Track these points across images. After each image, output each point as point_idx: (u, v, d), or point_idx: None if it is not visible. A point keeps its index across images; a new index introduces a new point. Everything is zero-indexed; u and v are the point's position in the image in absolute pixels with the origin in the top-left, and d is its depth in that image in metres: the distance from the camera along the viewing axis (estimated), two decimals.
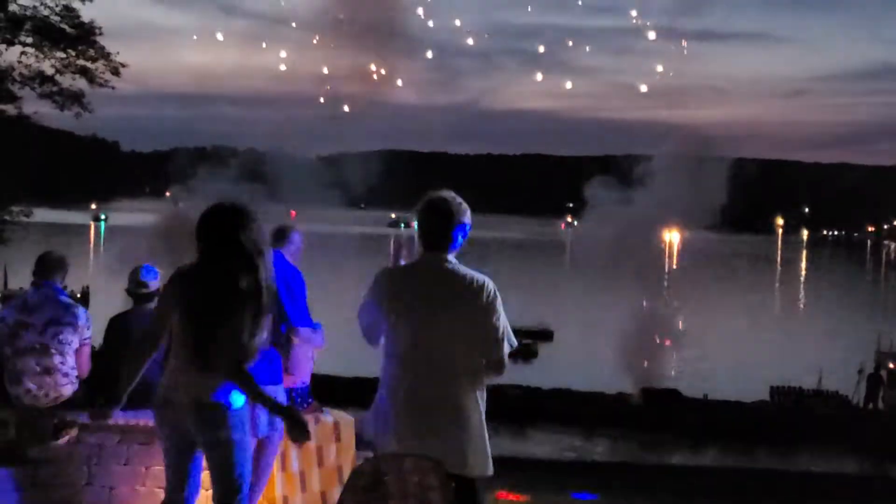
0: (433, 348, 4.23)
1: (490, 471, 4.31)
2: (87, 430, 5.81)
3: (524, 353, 38.72)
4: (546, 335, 45.25)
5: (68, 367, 6.22)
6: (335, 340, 7.12)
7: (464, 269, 4.30)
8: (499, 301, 4.27)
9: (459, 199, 4.37)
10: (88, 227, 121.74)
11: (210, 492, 4.70)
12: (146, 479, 5.77)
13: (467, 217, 4.36)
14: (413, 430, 4.18)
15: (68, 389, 6.21)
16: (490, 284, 4.27)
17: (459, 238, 4.35)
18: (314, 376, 6.56)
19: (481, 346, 4.25)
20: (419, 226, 4.38)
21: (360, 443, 6.54)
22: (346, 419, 6.60)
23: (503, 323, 4.28)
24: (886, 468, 24.89)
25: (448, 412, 4.22)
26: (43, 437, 6.13)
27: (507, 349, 4.29)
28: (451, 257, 4.33)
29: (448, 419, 4.22)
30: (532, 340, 41.64)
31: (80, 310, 6.35)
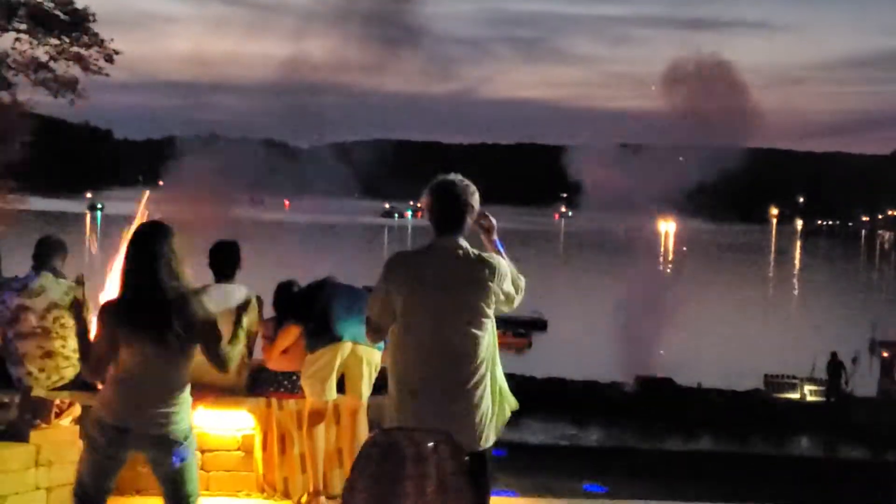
0: (450, 333, 4.23)
1: (493, 438, 4.40)
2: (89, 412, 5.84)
3: (517, 345, 39.11)
4: (540, 325, 45.25)
5: (70, 349, 6.24)
6: None
7: (475, 252, 4.34)
8: (507, 269, 4.39)
9: (468, 182, 4.37)
10: (84, 215, 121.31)
11: None
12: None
13: (476, 199, 4.37)
14: (431, 416, 4.11)
15: (70, 372, 6.24)
16: (503, 263, 4.39)
17: (468, 220, 4.36)
18: None
19: (503, 305, 4.38)
20: (430, 209, 4.35)
21: (373, 429, 6.58)
22: (346, 403, 6.64)
23: (513, 276, 4.41)
24: (879, 453, 25.09)
25: (465, 396, 4.24)
26: (45, 419, 6.18)
27: (522, 283, 4.48)
28: (461, 240, 4.34)
29: (465, 403, 4.24)
30: (526, 330, 41.71)
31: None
